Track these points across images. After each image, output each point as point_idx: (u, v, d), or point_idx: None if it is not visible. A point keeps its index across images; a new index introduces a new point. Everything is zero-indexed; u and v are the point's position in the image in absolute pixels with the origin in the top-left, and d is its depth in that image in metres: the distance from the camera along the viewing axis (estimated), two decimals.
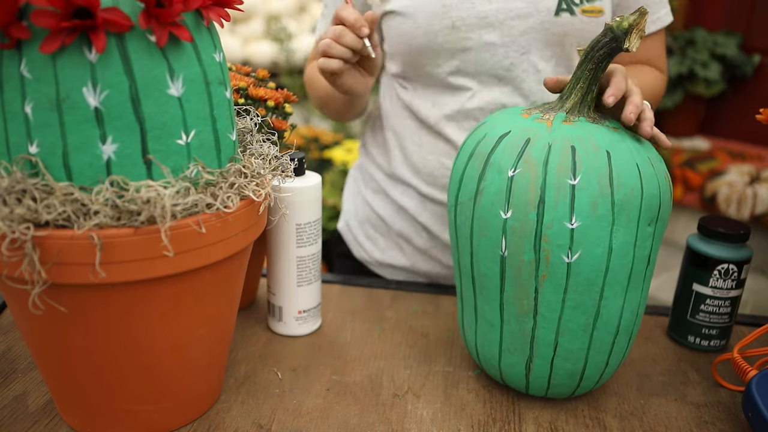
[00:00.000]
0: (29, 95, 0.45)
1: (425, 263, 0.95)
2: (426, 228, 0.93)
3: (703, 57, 2.49)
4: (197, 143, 0.51)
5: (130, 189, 0.47)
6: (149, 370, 0.54)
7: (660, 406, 0.66)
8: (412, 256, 0.96)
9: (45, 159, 0.46)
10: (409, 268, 0.97)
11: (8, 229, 0.44)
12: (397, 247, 0.97)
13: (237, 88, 0.72)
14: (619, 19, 0.57)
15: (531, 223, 0.56)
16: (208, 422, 0.60)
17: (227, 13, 0.53)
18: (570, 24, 0.83)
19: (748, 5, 2.57)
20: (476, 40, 0.83)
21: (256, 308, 0.82)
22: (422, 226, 0.93)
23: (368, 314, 0.82)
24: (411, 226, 0.94)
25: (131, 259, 0.47)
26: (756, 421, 0.56)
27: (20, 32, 0.44)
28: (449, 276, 0.96)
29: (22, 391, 0.63)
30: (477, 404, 0.65)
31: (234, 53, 3.02)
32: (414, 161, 0.91)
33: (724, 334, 0.76)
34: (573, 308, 0.58)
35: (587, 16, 0.83)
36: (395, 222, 0.95)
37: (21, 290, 0.48)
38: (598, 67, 0.60)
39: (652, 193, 0.57)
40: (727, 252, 0.72)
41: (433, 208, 0.91)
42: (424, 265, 0.96)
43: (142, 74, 0.47)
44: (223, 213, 0.51)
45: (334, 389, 0.66)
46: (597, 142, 0.57)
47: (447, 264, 0.94)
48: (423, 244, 0.94)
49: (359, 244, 1.02)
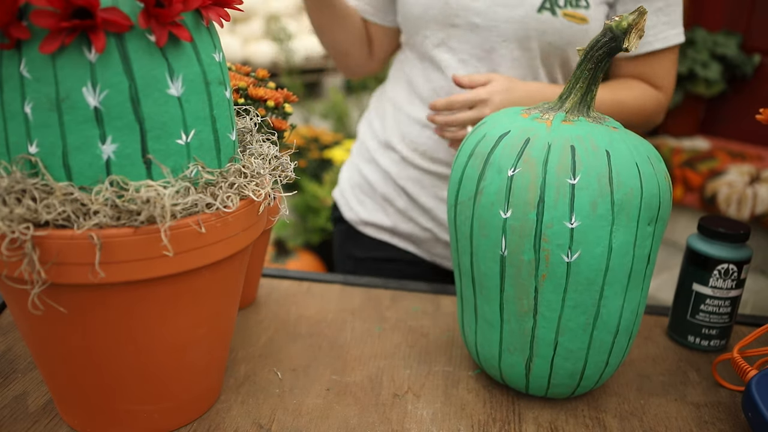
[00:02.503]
0: (29, 95, 0.45)
1: (405, 224, 1.05)
2: (405, 190, 1.03)
3: (703, 57, 2.49)
4: (197, 143, 0.51)
5: (129, 189, 0.47)
6: (149, 370, 0.54)
7: (660, 406, 0.66)
8: (394, 216, 1.06)
9: (45, 159, 0.46)
10: (391, 228, 1.07)
11: (8, 229, 0.44)
12: (382, 209, 1.07)
13: (237, 88, 0.72)
14: (619, 18, 0.57)
15: (531, 222, 0.56)
16: (208, 422, 0.60)
17: (227, 13, 0.53)
18: (549, 23, 0.88)
19: (748, 5, 2.57)
20: (464, 19, 0.90)
21: (256, 308, 0.82)
22: (402, 188, 1.03)
23: (368, 314, 0.82)
24: (393, 190, 1.04)
25: (131, 259, 0.47)
26: (756, 421, 0.56)
27: (20, 32, 0.44)
28: (427, 239, 1.05)
29: (22, 391, 0.63)
30: (477, 404, 0.65)
31: (234, 53, 3.02)
32: (402, 128, 1.01)
33: (724, 334, 0.76)
34: (573, 308, 0.58)
35: (568, 20, 0.88)
36: (380, 186, 1.06)
37: (21, 290, 0.48)
38: (597, 67, 0.60)
39: (651, 193, 0.57)
40: (727, 252, 0.72)
41: (413, 172, 1.01)
42: (404, 225, 1.06)
43: (141, 74, 0.47)
44: (223, 213, 0.51)
45: (334, 389, 0.66)
46: (596, 142, 0.57)
47: (424, 226, 1.04)
48: (403, 206, 1.04)
49: (349, 207, 1.11)
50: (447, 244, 1.04)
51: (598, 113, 0.63)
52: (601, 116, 0.62)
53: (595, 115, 0.62)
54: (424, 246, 1.07)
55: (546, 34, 0.88)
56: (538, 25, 0.88)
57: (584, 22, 0.88)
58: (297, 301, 0.84)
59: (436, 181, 1.00)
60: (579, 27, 0.88)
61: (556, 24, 0.88)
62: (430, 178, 1.00)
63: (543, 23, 0.88)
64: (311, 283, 0.90)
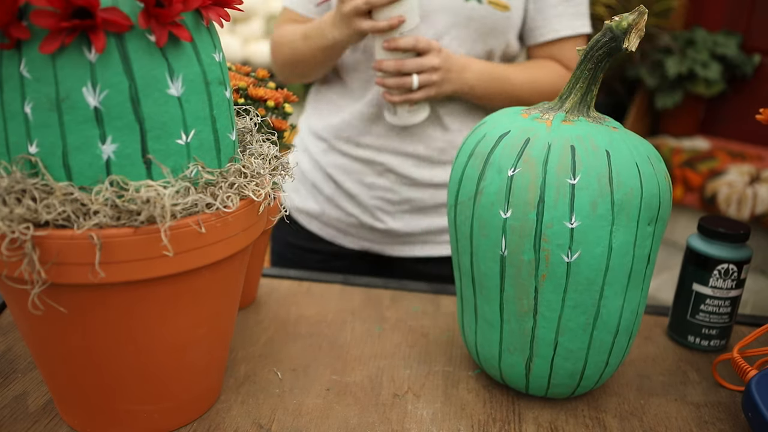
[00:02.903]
0: (29, 95, 0.45)
1: (332, 210, 1.11)
2: (331, 177, 1.09)
3: (703, 57, 2.49)
4: (197, 143, 0.51)
5: (129, 189, 0.47)
6: (149, 370, 0.54)
7: (660, 406, 0.66)
8: (323, 203, 1.11)
9: (45, 159, 0.46)
10: (320, 214, 1.12)
11: (8, 229, 0.44)
12: (312, 196, 1.13)
13: (237, 88, 0.72)
14: (619, 18, 0.57)
15: (531, 222, 0.56)
16: (208, 422, 0.60)
17: (227, 13, 0.53)
18: (475, 11, 0.97)
19: (748, 5, 2.57)
20: None
21: (256, 308, 0.82)
22: (329, 175, 1.09)
23: (368, 314, 0.82)
24: (322, 176, 1.11)
25: (131, 259, 0.47)
26: (756, 421, 0.56)
27: (20, 32, 0.44)
28: (353, 224, 1.10)
29: (22, 391, 0.63)
30: (477, 404, 0.65)
31: (234, 53, 3.01)
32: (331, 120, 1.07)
33: (724, 334, 0.76)
34: (573, 308, 0.58)
35: (492, 7, 0.98)
36: (310, 173, 1.12)
37: (21, 290, 0.48)
38: (597, 67, 0.60)
39: (651, 193, 0.57)
40: (727, 252, 0.72)
41: (339, 160, 1.07)
42: (332, 211, 1.11)
43: (141, 74, 0.47)
44: (223, 213, 0.51)
45: (334, 389, 0.66)
46: (596, 142, 0.57)
47: (349, 212, 1.09)
48: (330, 193, 1.10)
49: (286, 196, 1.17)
50: (373, 229, 1.09)
51: (598, 113, 0.63)
52: (601, 116, 0.62)
53: (595, 115, 0.62)
54: (351, 233, 1.12)
55: (473, 21, 0.98)
56: (466, 12, 0.97)
57: (506, 9, 0.98)
58: (297, 301, 0.84)
59: (362, 168, 1.06)
60: (502, 14, 0.98)
61: (481, 11, 0.97)
62: (355, 164, 1.06)
63: (470, 11, 0.97)
64: (311, 283, 0.90)
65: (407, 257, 1.12)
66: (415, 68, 0.92)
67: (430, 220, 1.09)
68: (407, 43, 0.91)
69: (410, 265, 1.13)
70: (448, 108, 1.03)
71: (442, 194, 1.08)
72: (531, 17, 1.04)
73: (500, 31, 1.00)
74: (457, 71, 0.96)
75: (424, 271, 1.12)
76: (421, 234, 1.10)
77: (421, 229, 1.09)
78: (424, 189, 1.06)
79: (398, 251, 1.11)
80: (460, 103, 1.03)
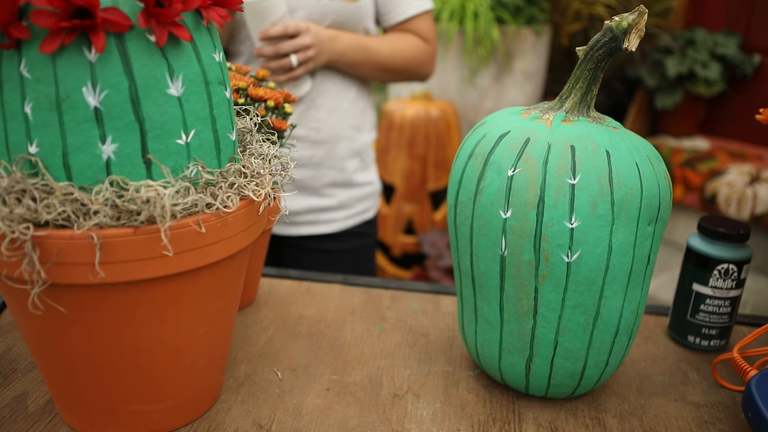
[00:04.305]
0: (29, 95, 0.45)
1: None
2: None
3: (703, 57, 2.49)
4: (197, 143, 0.51)
5: (129, 189, 0.47)
6: (149, 369, 0.54)
7: (660, 406, 0.66)
8: None
9: (45, 159, 0.46)
10: None
11: (8, 229, 0.44)
12: None
13: (237, 88, 0.72)
14: (619, 18, 0.57)
15: (531, 222, 0.56)
16: (208, 422, 0.60)
17: (227, 13, 0.53)
18: (329, 6, 1.12)
19: (748, 5, 2.57)
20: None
21: (256, 308, 0.82)
22: None
23: (368, 314, 0.82)
24: None
25: (131, 259, 0.47)
26: (756, 421, 0.56)
27: (20, 32, 0.44)
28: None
29: (22, 391, 0.63)
30: (477, 404, 0.65)
31: None
32: None
33: (724, 334, 0.76)
34: (573, 308, 0.58)
35: (342, 1, 1.12)
36: None
37: (21, 290, 0.48)
38: (597, 67, 0.60)
39: (651, 193, 0.57)
40: (727, 252, 0.72)
41: None
42: None
43: (141, 74, 0.47)
44: (222, 213, 0.51)
45: (334, 389, 0.66)
46: (596, 142, 0.57)
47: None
48: None
49: None
50: None
51: (598, 113, 0.63)
52: (601, 116, 0.62)
53: (595, 115, 0.62)
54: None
55: (328, 15, 1.12)
56: (321, 8, 1.12)
57: (355, 0, 1.13)
58: (297, 301, 0.84)
59: None
60: (353, 5, 1.13)
61: (334, 6, 1.12)
62: None
63: (325, 6, 1.12)
64: (311, 283, 0.90)
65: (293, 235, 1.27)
66: (291, 50, 1.06)
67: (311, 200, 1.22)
68: (277, 31, 1.05)
69: (294, 241, 1.28)
70: (320, 89, 1.17)
71: (322, 175, 1.22)
72: (381, 3, 1.20)
73: (356, 21, 1.16)
74: (327, 42, 1.10)
75: (309, 246, 1.28)
76: (304, 213, 1.22)
77: (303, 208, 1.22)
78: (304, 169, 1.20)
79: (284, 230, 1.25)
80: (333, 82, 1.18)
